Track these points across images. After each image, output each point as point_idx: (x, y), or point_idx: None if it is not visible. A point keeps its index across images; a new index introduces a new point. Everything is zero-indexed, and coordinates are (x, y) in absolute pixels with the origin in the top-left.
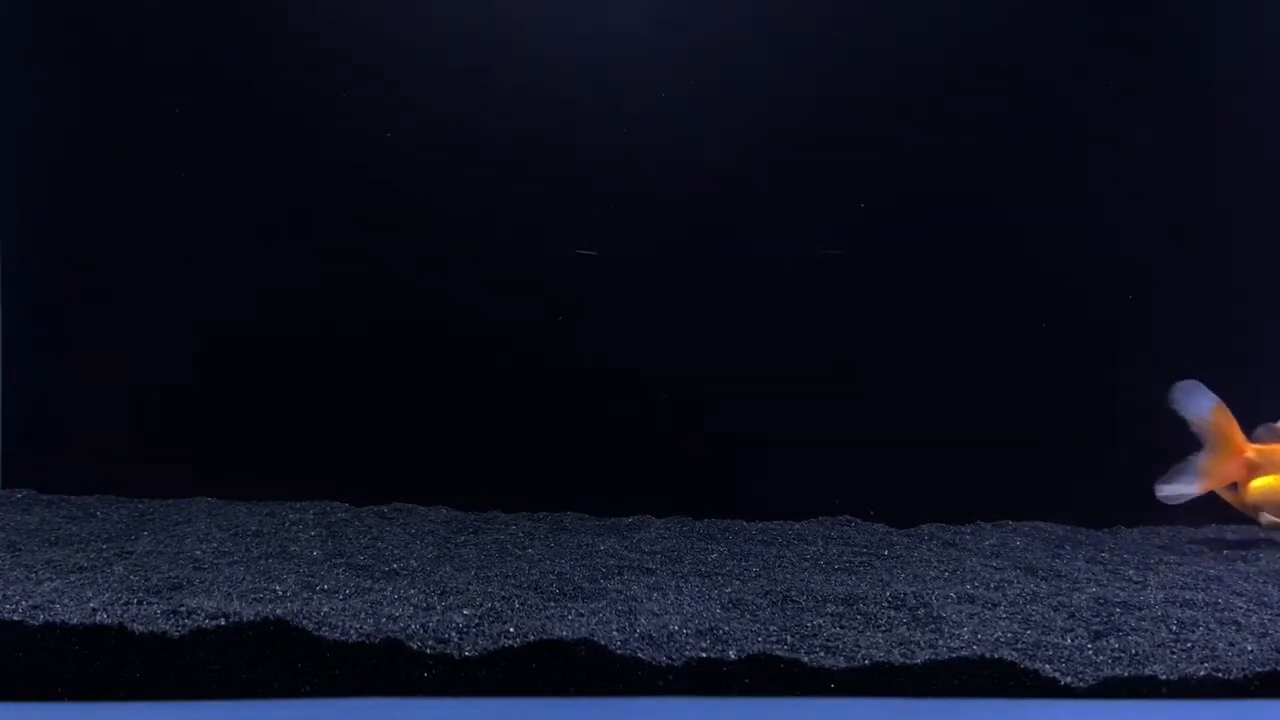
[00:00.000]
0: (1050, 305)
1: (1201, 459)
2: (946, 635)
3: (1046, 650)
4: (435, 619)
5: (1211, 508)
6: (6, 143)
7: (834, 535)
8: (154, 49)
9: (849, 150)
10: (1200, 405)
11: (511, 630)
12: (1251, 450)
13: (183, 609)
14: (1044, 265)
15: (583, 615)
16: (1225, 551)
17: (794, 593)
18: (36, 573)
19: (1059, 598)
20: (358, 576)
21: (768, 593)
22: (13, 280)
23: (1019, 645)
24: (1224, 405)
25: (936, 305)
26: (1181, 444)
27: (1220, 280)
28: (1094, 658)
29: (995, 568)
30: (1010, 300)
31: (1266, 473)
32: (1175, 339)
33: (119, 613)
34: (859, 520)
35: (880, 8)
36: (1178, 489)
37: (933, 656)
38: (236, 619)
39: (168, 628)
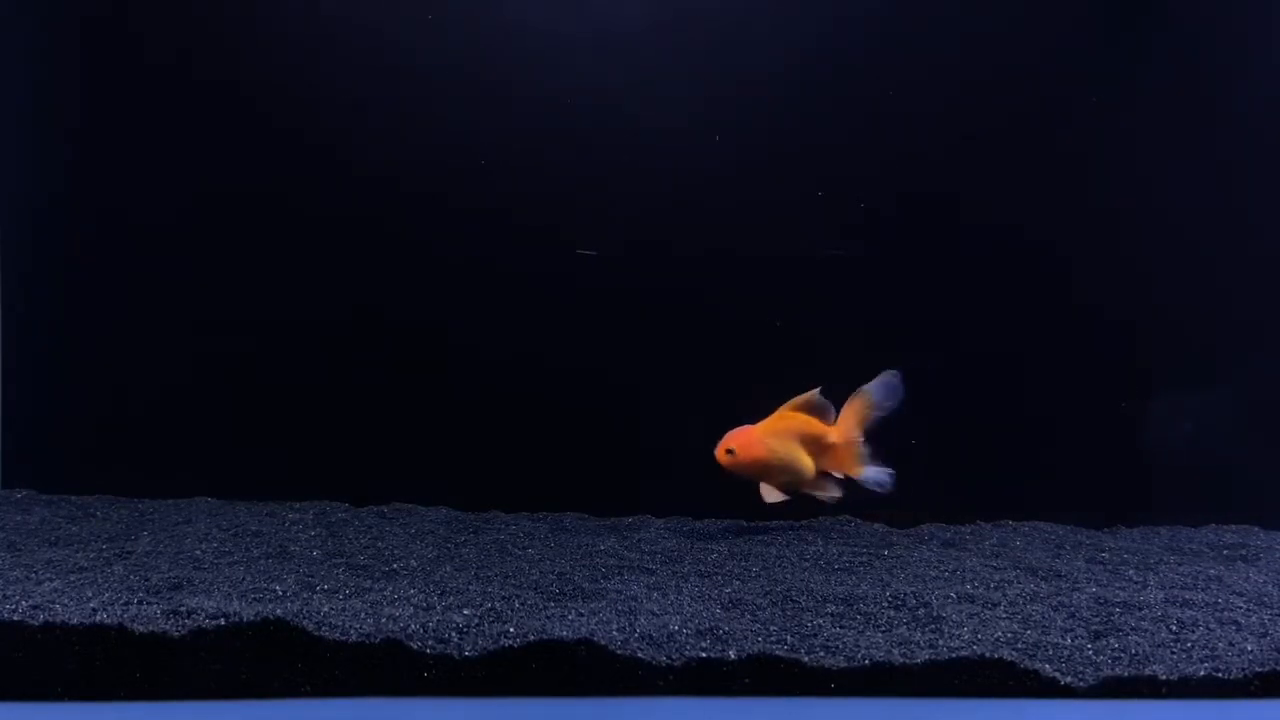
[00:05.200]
0: (1051, 305)
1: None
2: (946, 635)
3: (1046, 650)
4: (435, 619)
5: (1209, 508)
6: (7, 142)
7: (834, 535)
8: (155, 46)
9: (851, 150)
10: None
11: (511, 630)
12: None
13: (183, 609)
14: (1046, 266)
15: (583, 615)
16: (1225, 551)
17: (794, 593)
18: (36, 573)
19: (1059, 598)
20: (358, 576)
21: (768, 593)
22: (13, 280)
23: (1019, 645)
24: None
25: (937, 305)
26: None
27: (1223, 279)
28: (1094, 658)
29: (995, 568)
30: (1011, 300)
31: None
32: (1176, 339)
33: (119, 613)
34: (859, 520)
35: (882, 7)
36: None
37: (933, 656)
38: (236, 619)
39: (168, 628)
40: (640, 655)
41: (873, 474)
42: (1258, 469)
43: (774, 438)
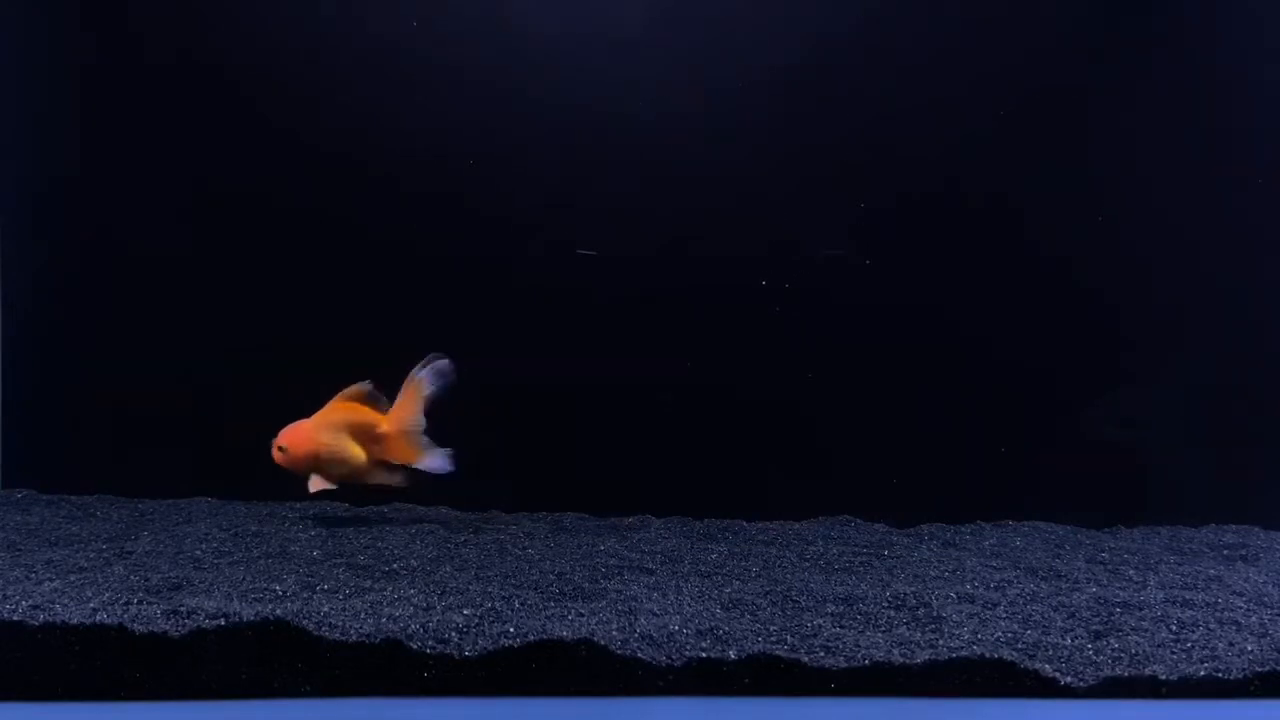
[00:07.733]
0: (1052, 305)
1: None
2: (946, 635)
3: (1046, 650)
4: (435, 619)
5: (1209, 508)
6: (7, 141)
7: (834, 535)
8: (156, 46)
9: (851, 150)
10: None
11: (511, 630)
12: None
13: (183, 609)
14: (1046, 265)
15: (583, 615)
16: (1225, 551)
17: (794, 593)
18: (36, 573)
19: (1059, 598)
20: (358, 576)
21: (768, 593)
22: (13, 280)
23: (1019, 645)
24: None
25: (937, 305)
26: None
27: (1226, 279)
28: (1094, 658)
29: (995, 568)
30: (1011, 299)
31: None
32: (1175, 339)
33: (119, 613)
34: (859, 520)
35: (881, 6)
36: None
37: (933, 656)
38: (236, 619)
39: (168, 628)
40: (640, 655)
41: (432, 460)
42: (1258, 469)
43: (323, 430)
